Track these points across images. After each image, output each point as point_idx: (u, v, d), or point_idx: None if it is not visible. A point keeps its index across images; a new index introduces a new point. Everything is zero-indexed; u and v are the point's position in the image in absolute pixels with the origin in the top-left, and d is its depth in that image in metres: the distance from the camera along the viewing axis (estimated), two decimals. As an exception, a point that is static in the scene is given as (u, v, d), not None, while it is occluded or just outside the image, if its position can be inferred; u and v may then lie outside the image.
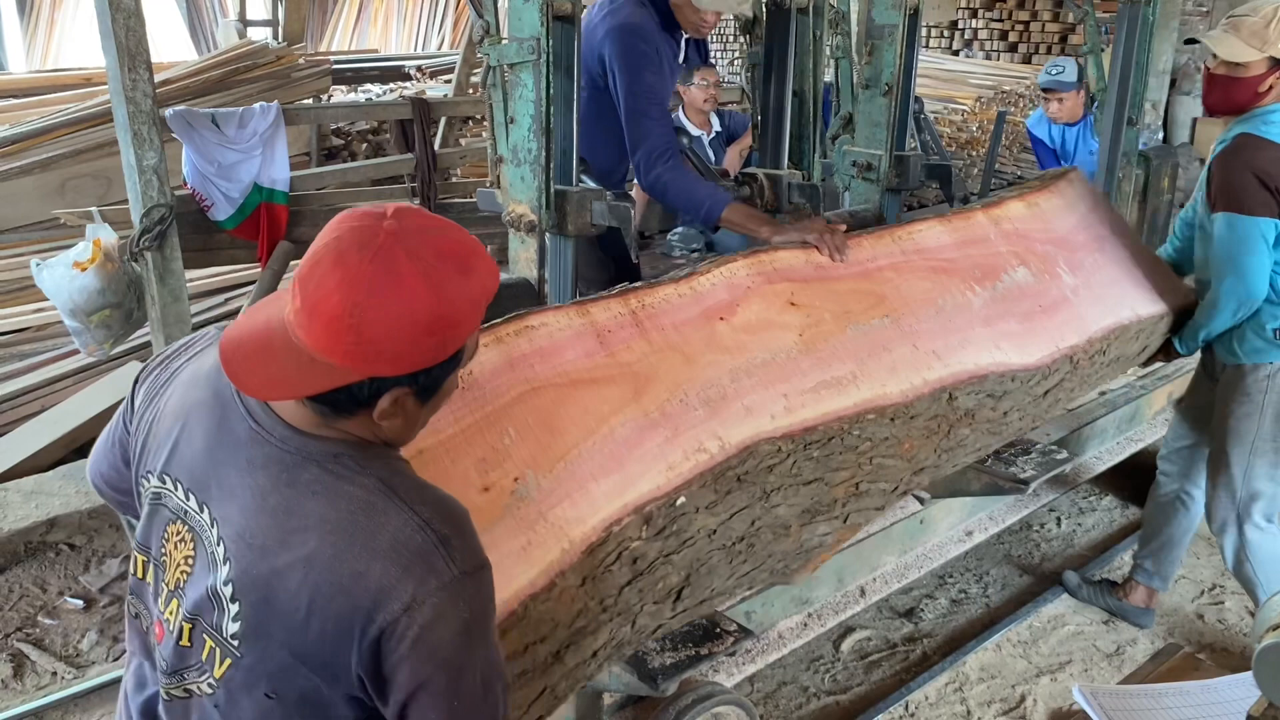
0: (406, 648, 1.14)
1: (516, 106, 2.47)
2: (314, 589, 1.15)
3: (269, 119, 4.52)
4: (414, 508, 1.17)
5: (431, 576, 1.14)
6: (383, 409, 1.17)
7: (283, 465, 1.19)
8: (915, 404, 2.18)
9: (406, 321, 1.11)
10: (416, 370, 1.16)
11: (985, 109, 8.08)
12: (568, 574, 1.53)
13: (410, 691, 1.16)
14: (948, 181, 3.63)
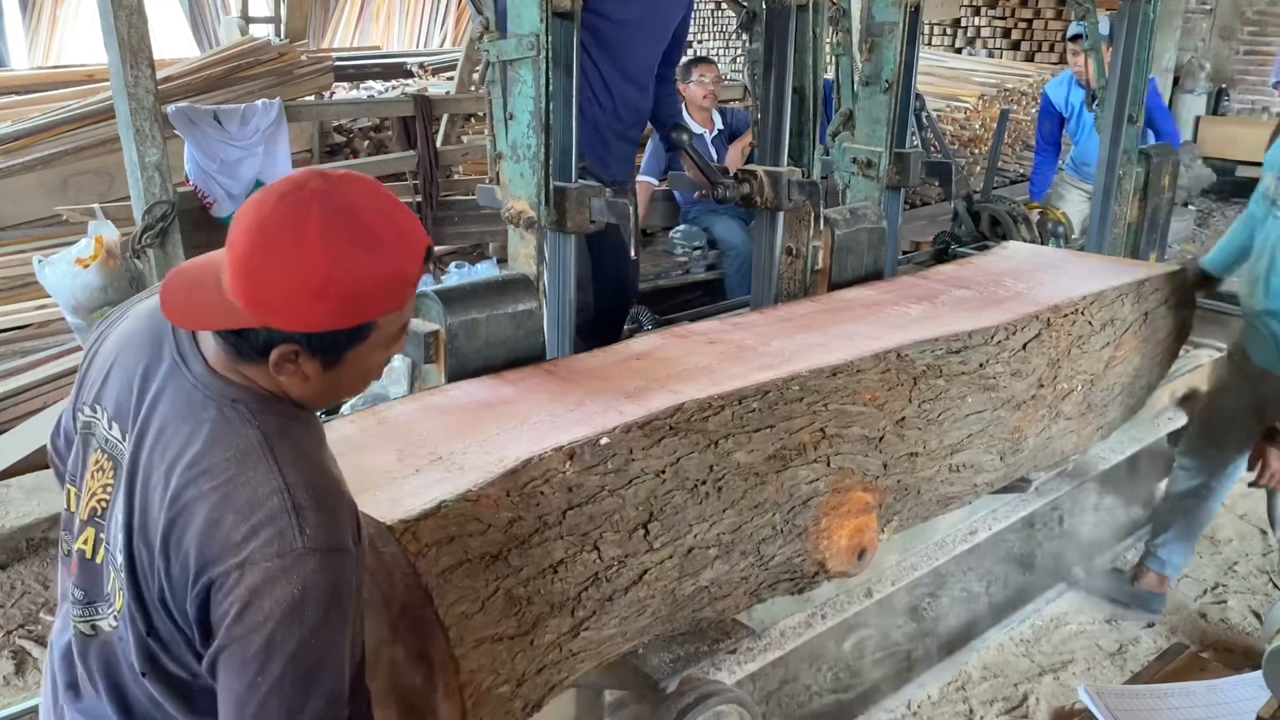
0: (230, 605, 1.12)
1: (516, 103, 2.47)
2: (171, 526, 1.16)
3: (271, 116, 4.52)
4: (283, 470, 1.16)
5: (275, 542, 1.12)
6: (275, 361, 1.17)
7: (189, 401, 1.20)
8: (858, 363, 2.23)
9: (296, 279, 1.11)
10: (310, 331, 1.15)
11: (988, 107, 8.06)
12: (486, 486, 1.58)
13: (221, 648, 1.15)
14: (948, 179, 3.62)
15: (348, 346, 1.18)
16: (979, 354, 2.52)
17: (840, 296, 2.90)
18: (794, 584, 2.10)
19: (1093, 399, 2.95)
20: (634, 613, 1.77)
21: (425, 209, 5.13)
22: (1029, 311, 2.72)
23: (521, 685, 1.58)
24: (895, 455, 2.27)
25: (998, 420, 2.57)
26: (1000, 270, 3.22)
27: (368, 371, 1.25)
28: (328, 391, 1.24)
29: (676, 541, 1.81)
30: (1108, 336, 2.95)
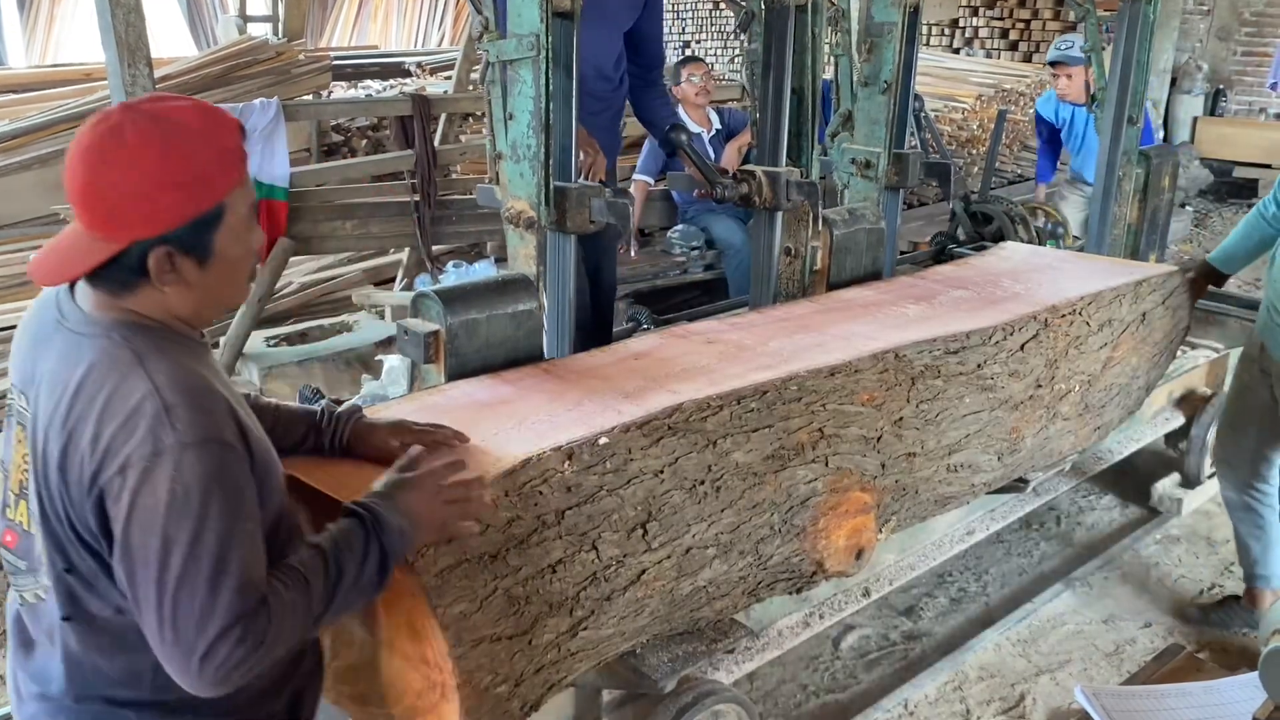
0: (121, 510, 1.19)
1: (516, 103, 2.46)
2: (64, 454, 1.22)
3: (269, 115, 4.51)
4: (153, 376, 1.22)
5: (148, 440, 1.18)
6: (156, 272, 1.24)
7: (73, 346, 1.26)
8: (856, 363, 2.24)
9: (137, 182, 1.20)
10: (173, 227, 1.22)
11: (986, 107, 8.06)
12: (485, 484, 1.55)
13: (123, 552, 1.20)
14: (946, 180, 3.62)
15: (210, 232, 1.26)
16: (977, 354, 2.52)
17: (838, 297, 2.91)
18: (792, 584, 2.10)
19: (1090, 399, 2.96)
20: (632, 612, 1.77)
21: (423, 208, 5.12)
22: (1026, 312, 2.73)
23: (520, 685, 1.58)
24: (893, 455, 2.27)
25: (995, 420, 2.58)
26: (998, 271, 3.23)
27: (240, 263, 1.32)
28: (211, 294, 1.31)
29: (675, 541, 1.82)
30: (1105, 337, 2.95)
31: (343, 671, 1.69)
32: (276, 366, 4.08)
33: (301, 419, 1.66)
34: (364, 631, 1.62)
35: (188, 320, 1.31)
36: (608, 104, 3.93)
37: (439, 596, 1.45)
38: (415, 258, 5.29)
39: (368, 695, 1.65)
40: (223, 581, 1.19)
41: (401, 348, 2.29)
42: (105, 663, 1.31)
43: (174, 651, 1.19)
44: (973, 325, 2.59)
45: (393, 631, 1.54)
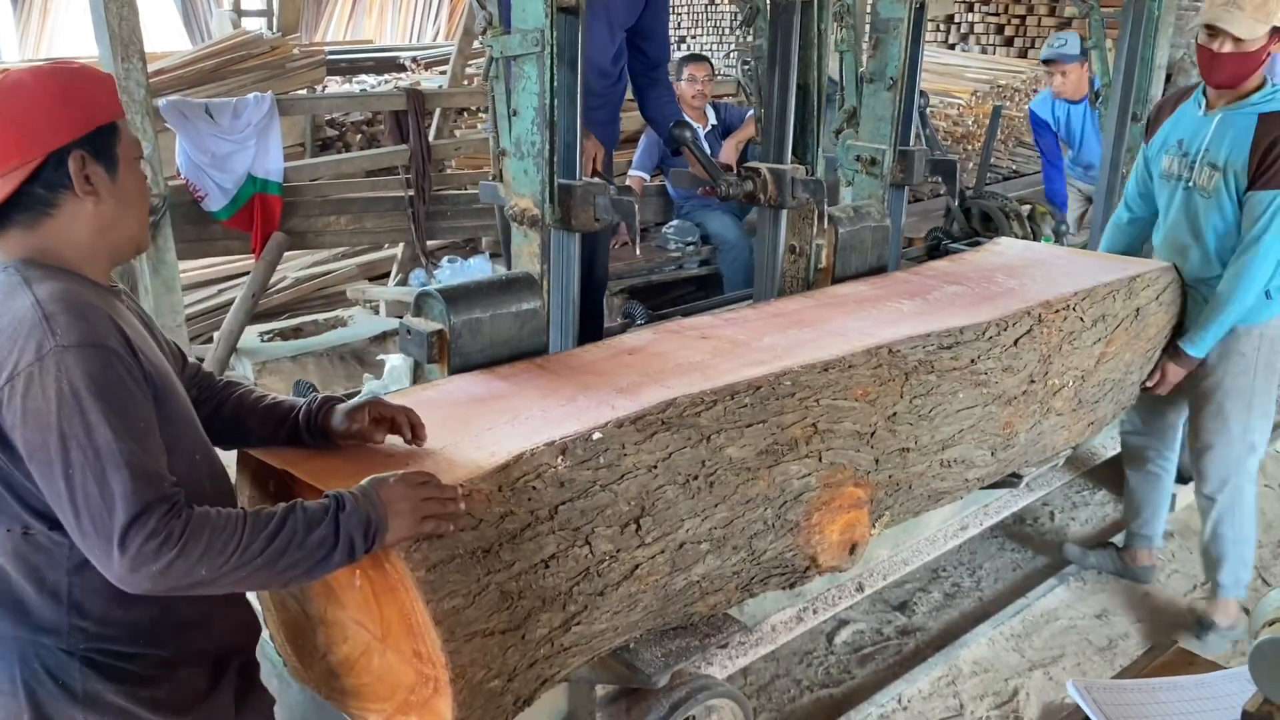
0: (15, 417, 1.27)
1: (519, 99, 2.44)
2: None
3: (263, 109, 4.50)
4: (36, 292, 1.33)
5: (30, 348, 1.28)
6: (78, 178, 1.37)
7: None
8: (850, 358, 2.24)
9: (45, 98, 1.36)
10: (81, 133, 1.38)
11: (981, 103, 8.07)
12: (477, 480, 1.59)
13: (29, 457, 1.28)
14: (952, 177, 3.61)
15: (114, 142, 1.42)
16: (971, 350, 2.53)
17: (833, 292, 2.91)
18: (785, 578, 2.10)
19: (1084, 394, 2.96)
20: (625, 607, 1.77)
21: (417, 203, 5.12)
22: (1020, 307, 2.73)
23: (513, 680, 1.59)
24: (887, 450, 2.28)
25: (989, 416, 2.58)
26: (992, 266, 3.23)
27: (141, 188, 1.48)
28: (120, 217, 1.43)
29: (668, 536, 1.82)
30: (1099, 332, 2.96)
31: (336, 666, 1.69)
32: (270, 361, 4.08)
33: (285, 408, 1.70)
34: (357, 626, 1.62)
35: (95, 253, 1.42)
36: (605, 99, 3.92)
37: (432, 591, 1.45)
38: (410, 253, 5.29)
39: (361, 690, 1.66)
40: (123, 471, 1.26)
41: (404, 347, 2.28)
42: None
43: (94, 542, 1.27)
44: (967, 321, 2.59)
45: (386, 626, 1.54)
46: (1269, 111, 2.86)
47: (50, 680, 1.39)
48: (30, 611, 1.38)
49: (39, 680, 1.39)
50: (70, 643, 1.39)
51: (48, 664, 1.39)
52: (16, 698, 1.40)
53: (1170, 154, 3.11)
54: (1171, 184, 3.12)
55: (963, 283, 3.01)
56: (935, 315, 2.65)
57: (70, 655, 1.39)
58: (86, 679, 1.39)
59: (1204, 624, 3.25)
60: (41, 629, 1.39)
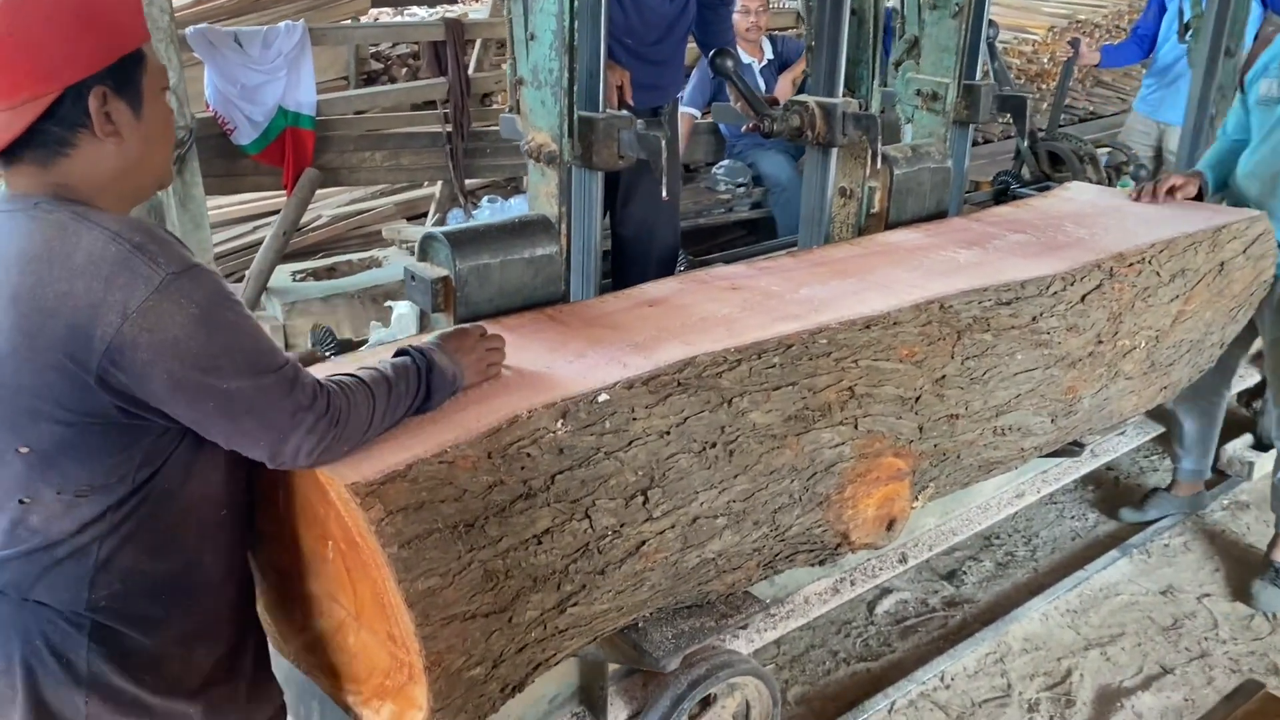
0: (145, 354, 1.19)
1: (537, 21, 2.26)
2: (23, 321, 1.19)
3: (294, 39, 4.33)
4: (104, 225, 1.22)
5: (138, 282, 1.18)
6: (98, 118, 1.23)
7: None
8: (895, 313, 2.05)
9: (62, 24, 1.20)
10: (104, 64, 1.23)
11: (1058, 39, 7.62)
12: (464, 446, 1.44)
13: (170, 393, 1.21)
14: (1021, 114, 3.34)
15: (138, 74, 1.27)
16: (1032, 306, 2.30)
17: (883, 240, 2.68)
18: (814, 555, 1.93)
19: (1157, 357, 2.72)
20: (630, 586, 1.61)
21: (455, 139, 4.93)
22: (1090, 260, 2.49)
23: (499, 666, 1.44)
24: (933, 417, 2.07)
25: (1050, 379, 2.36)
26: (1060, 213, 2.97)
27: (167, 121, 1.34)
28: (143, 154, 1.30)
29: (680, 510, 1.65)
30: (1177, 289, 2.70)
31: (314, 641, 1.56)
32: (300, 302, 3.96)
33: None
34: (332, 601, 1.48)
35: (117, 193, 1.29)
36: (669, 30, 3.69)
37: (405, 570, 1.30)
38: (448, 191, 5.12)
39: (338, 668, 1.53)
40: (275, 366, 1.28)
41: (409, 293, 2.13)
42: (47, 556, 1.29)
43: (262, 439, 1.29)
44: (1029, 274, 2.36)
45: (360, 604, 1.40)
46: None
47: (53, 658, 1.30)
48: (47, 576, 1.29)
49: (40, 659, 1.30)
50: (88, 605, 1.30)
51: (52, 640, 1.30)
52: (11, 677, 1.31)
53: (1270, 77, 2.92)
54: (1268, 108, 2.94)
55: (1027, 231, 2.77)
56: (994, 267, 2.42)
57: (79, 629, 1.30)
58: (93, 658, 1.31)
59: (1275, 567, 3.10)
60: (56, 593, 1.30)
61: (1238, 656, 2.87)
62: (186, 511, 1.33)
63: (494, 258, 2.09)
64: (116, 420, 1.23)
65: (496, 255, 2.09)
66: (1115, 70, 5.28)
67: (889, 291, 2.18)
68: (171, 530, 1.32)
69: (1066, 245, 2.64)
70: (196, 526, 1.35)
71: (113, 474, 1.26)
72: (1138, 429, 3.51)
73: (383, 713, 1.43)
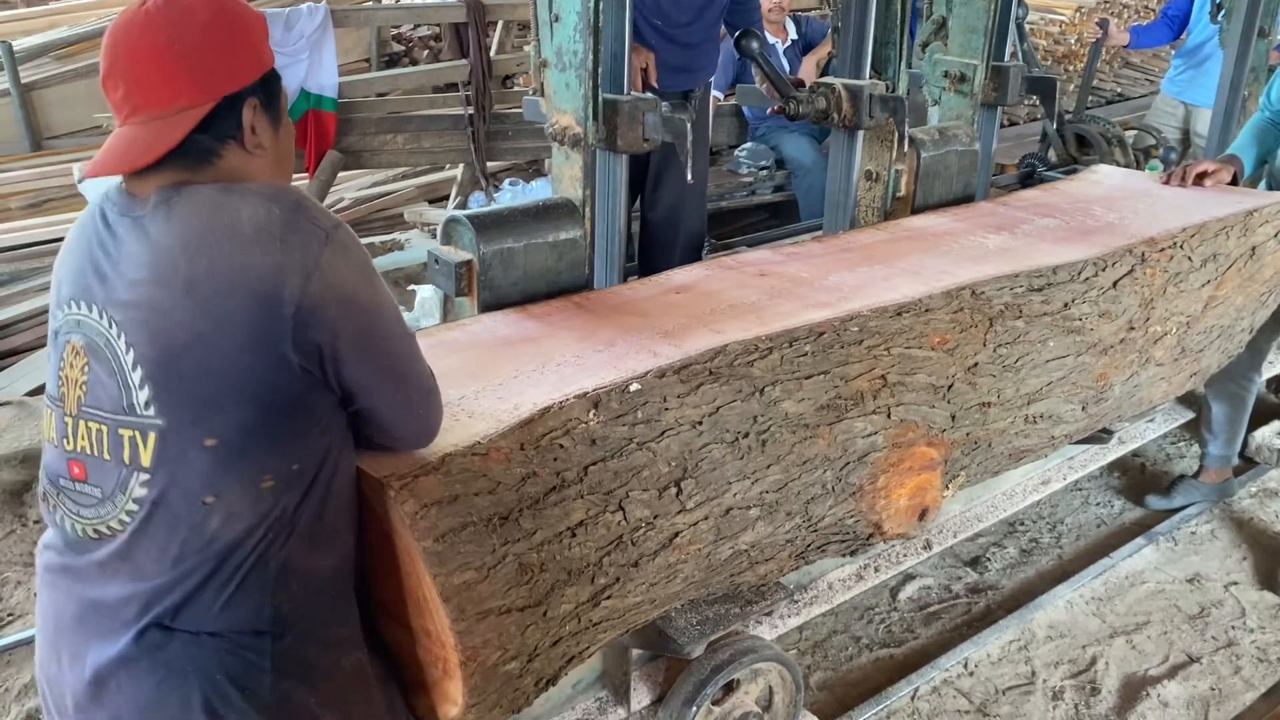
0: (335, 310, 1.20)
1: (562, 2, 2.24)
2: (205, 306, 1.17)
3: (316, 21, 4.32)
4: (253, 193, 1.23)
5: (311, 240, 1.20)
6: (249, 130, 1.25)
7: (139, 226, 1.23)
8: (927, 300, 2.03)
9: (220, 34, 1.23)
10: (255, 78, 1.26)
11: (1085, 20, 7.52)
12: (497, 438, 1.43)
13: (354, 349, 1.23)
14: (1051, 97, 3.29)
15: (278, 91, 1.31)
16: (1064, 292, 2.28)
17: (910, 224, 2.65)
18: (846, 546, 1.92)
19: (1188, 343, 2.69)
20: (664, 579, 1.61)
21: (477, 121, 4.91)
22: (1121, 245, 2.46)
23: (534, 660, 1.44)
24: (965, 405, 2.05)
25: (1082, 366, 2.34)
26: (1089, 197, 2.93)
27: (293, 134, 1.38)
28: (276, 168, 1.31)
29: (713, 501, 1.64)
30: (1208, 274, 2.67)
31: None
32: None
33: None
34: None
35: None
36: (700, 13, 3.65)
37: (440, 564, 1.30)
38: (470, 174, 5.11)
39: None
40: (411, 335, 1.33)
41: (432, 277, 2.12)
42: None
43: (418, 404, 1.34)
44: (1060, 259, 2.33)
45: (392, 598, 1.40)
46: None
47: (236, 692, 1.23)
48: (229, 596, 1.23)
49: (223, 695, 1.23)
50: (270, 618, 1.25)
51: (233, 672, 1.23)
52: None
53: None
54: None
55: (1056, 215, 2.74)
56: (1024, 252, 2.40)
57: (260, 652, 1.24)
58: (278, 680, 1.25)
59: None
60: (237, 614, 1.23)
61: (1265, 646, 2.85)
62: (340, 503, 1.31)
63: (518, 241, 2.08)
64: (300, 396, 1.22)
65: (520, 239, 2.08)
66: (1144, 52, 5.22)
67: (919, 278, 2.16)
68: (334, 524, 1.30)
69: (1096, 230, 2.61)
70: (349, 519, 1.34)
71: (295, 459, 1.24)
72: (1166, 415, 3.48)
73: (417, 708, 1.43)
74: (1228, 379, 3.26)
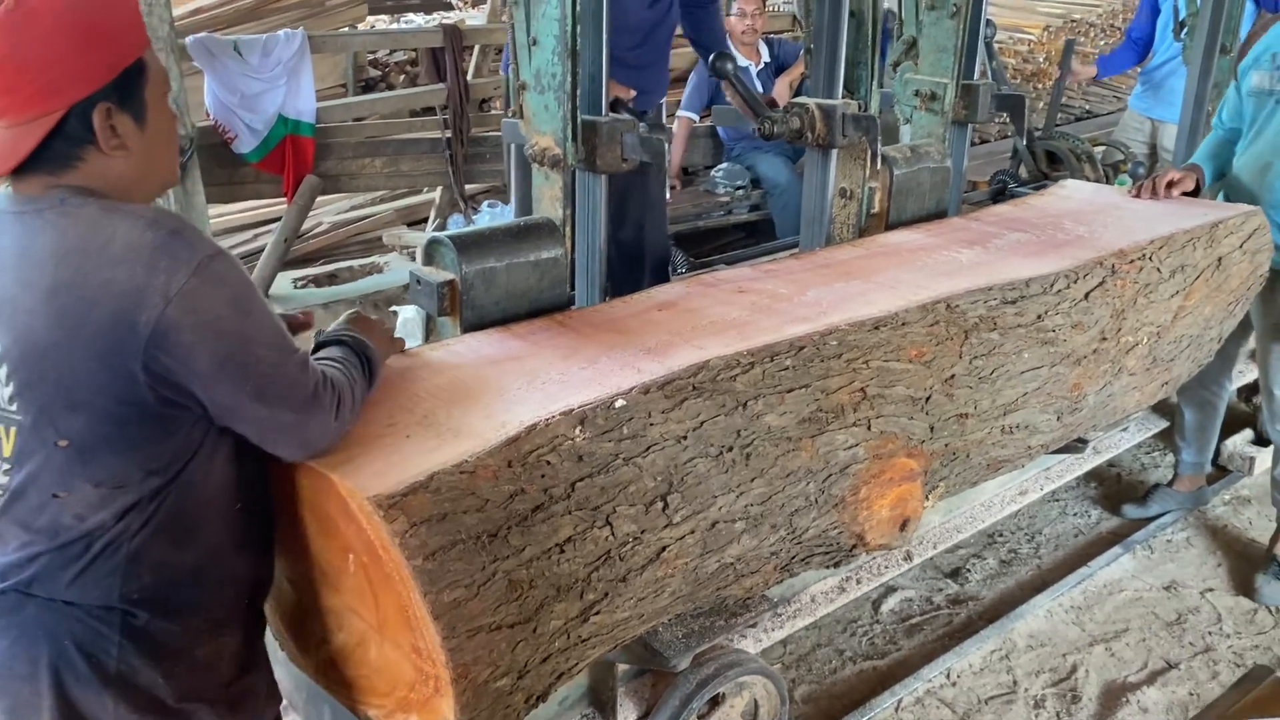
0: (189, 335, 1.22)
1: (539, 26, 2.27)
2: (63, 314, 1.21)
3: (294, 47, 4.33)
4: (136, 214, 1.25)
5: (179, 266, 1.22)
6: (102, 134, 1.26)
7: (20, 225, 1.26)
8: (903, 314, 2.06)
9: (64, 40, 1.22)
10: (106, 81, 1.25)
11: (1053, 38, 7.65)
12: (485, 456, 1.45)
13: (213, 374, 1.26)
14: (1019, 113, 3.36)
15: (140, 86, 1.29)
16: (1037, 304, 2.32)
17: (885, 240, 2.69)
18: (829, 557, 1.94)
19: (1159, 352, 2.74)
20: (651, 593, 1.62)
21: (455, 145, 4.94)
22: (1091, 257, 2.51)
23: (524, 677, 1.45)
24: (943, 417, 2.09)
25: (1056, 377, 2.38)
26: (1059, 211, 2.99)
27: (171, 128, 1.38)
28: (149, 162, 1.33)
29: (699, 515, 1.66)
30: (1177, 284, 2.72)
31: (333, 655, 1.57)
32: (302, 309, 3.96)
33: None
34: (353, 614, 1.49)
35: (126, 195, 1.31)
36: (648, 36, 3.69)
37: (430, 582, 1.31)
38: (448, 197, 5.13)
39: (359, 682, 1.53)
40: (295, 348, 1.34)
41: (414, 298, 2.14)
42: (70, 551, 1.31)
43: (292, 421, 1.34)
44: (1032, 272, 2.38)
45: (383, 617, 1.41)
46: None
47: (82, 659, 1.31)
48: (80, 573, 1.31)
49: (68, 660, 1.31)
50: (120, 597, 1.32)
51: (81, 640, 1.32)
52: (37, 682, 1.32)
53: (1262, 69, 2.95)
54: (1260, 99, 2.97)
55: (1027, 229, 2.79)
56: (997, 266, 2.44)
57: (109, 624, 1.32)
58: (123, 654, 1.33)
59: (1278, 560, 3.13)
60: (87, 590, 1.31)
61: (1241, 650, 2.89)
62: (209, 503, 1.37)
63: (499, 261, 2.09)
64: (154, 410, 1.26)
65: (502, 259, 2.10)
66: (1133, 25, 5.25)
67: (895, 292, 2.19)
68: (196, 521, 1.36)
69: (1067, 243, 2.66)
70: (218, 518, 1.39)
71: (148, 465, 1.29)
72: (1139, 425, 3.53)
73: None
74: (1200, 387, 3.31)
